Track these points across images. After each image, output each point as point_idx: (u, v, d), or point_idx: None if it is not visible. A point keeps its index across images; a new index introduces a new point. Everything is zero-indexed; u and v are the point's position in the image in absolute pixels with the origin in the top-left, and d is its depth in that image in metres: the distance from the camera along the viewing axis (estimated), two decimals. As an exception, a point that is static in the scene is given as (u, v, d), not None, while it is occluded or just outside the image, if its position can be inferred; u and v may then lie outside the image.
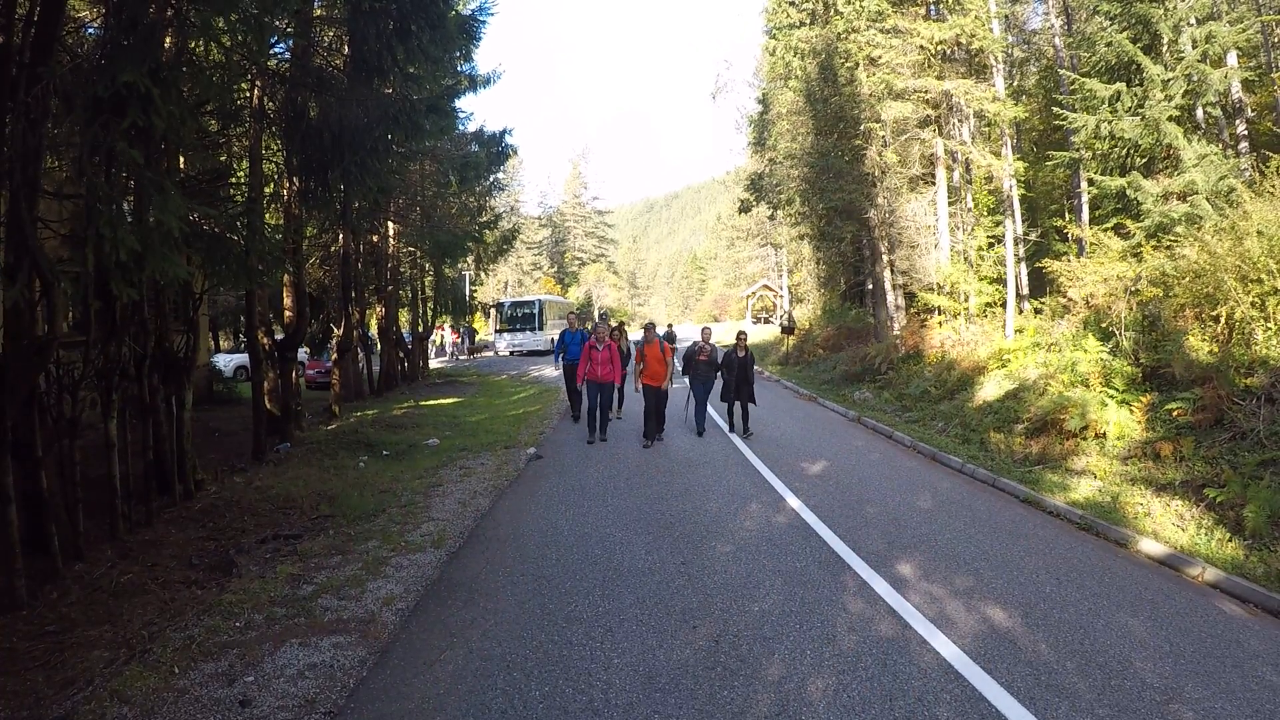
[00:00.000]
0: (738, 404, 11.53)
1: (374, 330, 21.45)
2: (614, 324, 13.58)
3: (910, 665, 4.13)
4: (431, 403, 16.78)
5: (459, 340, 36.24)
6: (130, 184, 6.28)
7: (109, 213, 4.52)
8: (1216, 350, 8.57)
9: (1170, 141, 12.24)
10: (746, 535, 6.55)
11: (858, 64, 17.93)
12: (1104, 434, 8.79)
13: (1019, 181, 17.02)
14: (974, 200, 18.31)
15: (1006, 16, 19.82)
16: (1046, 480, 8.26)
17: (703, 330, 12.07)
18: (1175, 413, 8.19)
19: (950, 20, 16.43)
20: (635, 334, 18.22)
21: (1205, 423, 7.83)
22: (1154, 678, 4.00)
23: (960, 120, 18.14)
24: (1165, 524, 6.68)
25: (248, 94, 9.32)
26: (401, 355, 21.18)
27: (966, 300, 17.19)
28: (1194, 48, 12.46)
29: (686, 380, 12.03)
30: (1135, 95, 12.83)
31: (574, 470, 9.24)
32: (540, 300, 35.39)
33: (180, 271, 5.33)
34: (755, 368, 12.26)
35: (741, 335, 11.86)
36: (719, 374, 11.66)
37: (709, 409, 12.13)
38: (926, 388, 14.14)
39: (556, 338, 13.25)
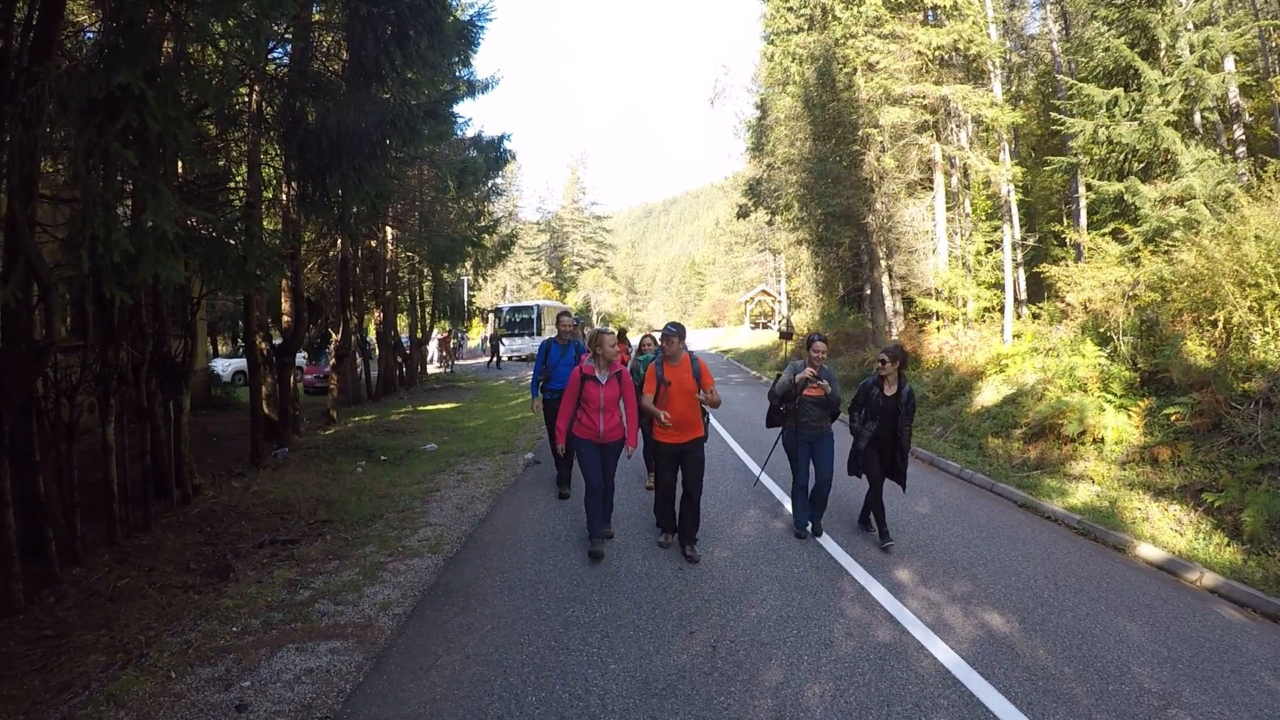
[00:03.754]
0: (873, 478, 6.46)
1: (372, 335, 21.44)
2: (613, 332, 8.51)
3: (908, 671, 4.12)
4: (429, 408, 16.76)
5: (455, 346, 34.77)
6: (127, 188, 6.28)
7: (104, 214, 4.52)
8: (1214, 355, 8.58)
9: (1168, 146, 12.29)
10: (744, 540, 6.54)
11: (856, 69, 17.99)
12: (1102, 439, 8.79)
13: (1017, 186, 17.07)
14: (972, 205, 18.36)
15: (1004, 22, 19.94)
16: (1044, 485, 8.25)
17: (811, 343, 6.36)
18: (1173, 417, 8.20)
19: (948, 26, 16.50)
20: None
21: (1203, 427, 7.83)
22: (1152, 683, 3.99)
23: (958, 125, 18.20)
24: (1163, 529, 6.68)
25: (246, 98, 9.32)
26: (400, 360, 21.17)
27: (964, 305, 17.21)
28: (1191, 53, 12.52)
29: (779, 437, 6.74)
30: (1133, 100, 12.88)
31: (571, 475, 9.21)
32: (538, 305, 35.54)
33: (175, 275, 5.32)
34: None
35: (886, 361, 6.24)
36: (847, 423, 6.67)
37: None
38: (925, 393, 14.15)
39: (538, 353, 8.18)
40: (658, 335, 6.95)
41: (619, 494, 7.12)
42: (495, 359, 31.83)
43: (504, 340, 33.53)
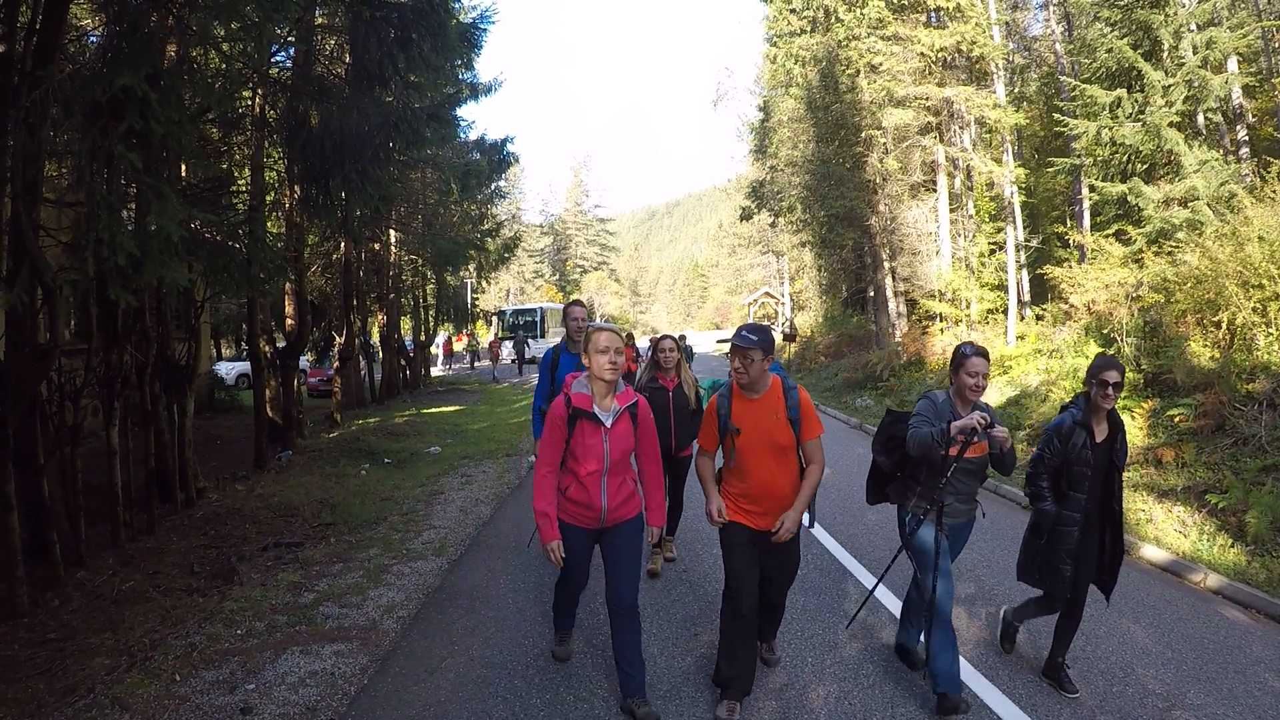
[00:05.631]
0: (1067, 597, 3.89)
1: (376, 338, 21.50)
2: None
3: (912, 673, 4.11)
4: (433, 411, 16.79)
5: (476, 348, 32.45)
6: (131, 191, 6.31)
7: (108, 217, 4.54)
8: (1218, 356, 8.56)
9: (1171, 147, 12.27)
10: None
11: (859, 71, 18.01)
12: (1106, 440, 8.76)
13: (1020, 188, 17.06)
14: (975, 207, 18.36)
15: (1007, 23, 19.94)
16: (1049, 486, 8.22)
17: (965, 360, 3.54)
18: (1177, 419, 8.18)
19: (951, 27, 16.52)
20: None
21: (1207, 429, 7.81)
22: (1156, 684, 3.97)
23: (961, 127, 18.20)
24: (1167, 530, 6.66)
25: (249, 102, 9.37)
26: (403, 363, 21.21)
27: (968, 307, 17.20)
28: (1194, 53, 12.51)
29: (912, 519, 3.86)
30: (1136, 101, 12.87)
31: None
32: (542, 308, 35.67)
33: (179, 278, 5.34)
34: None
35: (1111, 385, 3.56)
36: (1038, 495, 3.84)
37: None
38: (928, 394, 14.11)
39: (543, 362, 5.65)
40: (676, 337, 5.19)
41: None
42: (520, 364, 30.50)
43: (528, 343, 31.73)
